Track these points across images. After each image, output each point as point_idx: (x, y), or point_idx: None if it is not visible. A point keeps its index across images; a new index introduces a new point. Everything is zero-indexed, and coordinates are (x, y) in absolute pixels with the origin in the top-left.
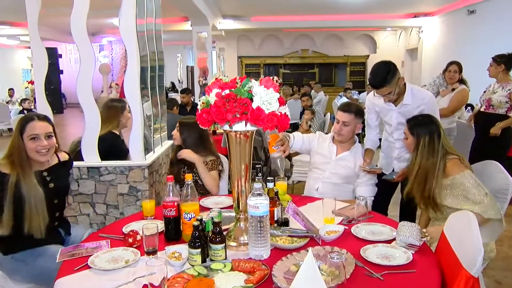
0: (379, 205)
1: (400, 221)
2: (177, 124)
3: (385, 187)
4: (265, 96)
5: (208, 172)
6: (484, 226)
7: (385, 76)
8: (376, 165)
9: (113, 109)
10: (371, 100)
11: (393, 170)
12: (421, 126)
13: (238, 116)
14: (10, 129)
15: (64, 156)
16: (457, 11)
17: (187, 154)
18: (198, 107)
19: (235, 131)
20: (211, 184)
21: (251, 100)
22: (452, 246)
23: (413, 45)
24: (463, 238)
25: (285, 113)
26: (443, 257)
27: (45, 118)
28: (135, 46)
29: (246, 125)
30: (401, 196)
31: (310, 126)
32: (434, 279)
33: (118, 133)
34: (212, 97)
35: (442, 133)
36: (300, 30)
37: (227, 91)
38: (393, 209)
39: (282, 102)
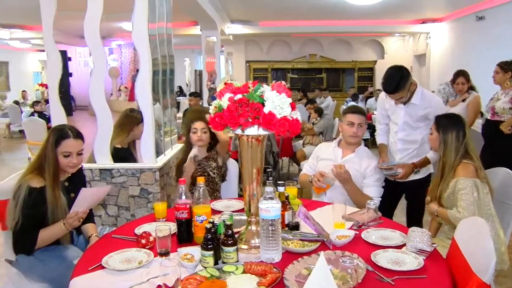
0: (386, 209)
1: (407, 227)
2: (201, 126)
3: (392, 190)
4: (277, 101)
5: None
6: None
7: (398, 82)
8: (393, 163)
9: (130, 119)
10: (381, 97)
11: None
12: (449, 123)
13: (250, 120)
14: (21, 131)
15: None
16: (465, 17)
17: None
18: (210, 111)
19: (247, 135)
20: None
21: (263, 105)
22: (463, 252)
23: (421, 51)
24: (474, 244)
25: (296, 117)
26: (454, 263)
27: (78, 136)
28: (147, 50)
29: (258, 129)
30: (407, 203)
31: (313, 124)
32: (445, 285)
33: (121, 146)
34: (224, 102)
35: (467, 133)
36: (308, 35)
37: (239, 96)
38: (401, 215)
39: (293, 107)
